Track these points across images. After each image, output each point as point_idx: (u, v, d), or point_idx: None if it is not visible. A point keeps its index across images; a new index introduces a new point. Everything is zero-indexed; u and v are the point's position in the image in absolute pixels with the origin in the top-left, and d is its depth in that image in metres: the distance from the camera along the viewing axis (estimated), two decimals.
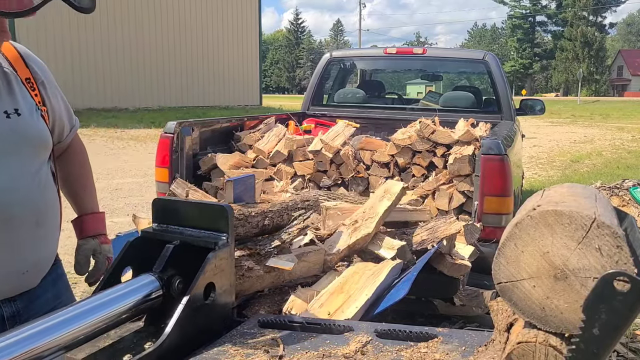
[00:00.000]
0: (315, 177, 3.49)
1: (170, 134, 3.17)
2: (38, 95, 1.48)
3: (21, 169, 1.36)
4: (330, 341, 1.09)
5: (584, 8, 59.55)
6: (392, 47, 5.07)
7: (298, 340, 1.11)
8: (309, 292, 1.81)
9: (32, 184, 1.38)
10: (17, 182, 1.34)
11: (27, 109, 1.41)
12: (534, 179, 8.92)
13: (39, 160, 1.43)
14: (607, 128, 19.22)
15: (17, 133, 1.36)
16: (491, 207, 2.73)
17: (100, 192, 1.77)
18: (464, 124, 3.60)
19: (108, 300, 1.04)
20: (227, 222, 1.16)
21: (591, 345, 0.69)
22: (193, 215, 1.20)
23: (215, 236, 1.16)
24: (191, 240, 1.16)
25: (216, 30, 22.90)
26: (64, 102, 1.62)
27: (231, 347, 1.07)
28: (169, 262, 1.13)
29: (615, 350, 3.09)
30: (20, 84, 1.43)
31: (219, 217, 1.17)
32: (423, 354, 1.02)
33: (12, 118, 1.36)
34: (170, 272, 1.12)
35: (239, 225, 1.65)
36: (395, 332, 1.11)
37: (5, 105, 1.36)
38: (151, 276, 1.11)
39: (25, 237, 1.35)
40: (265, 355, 1.03)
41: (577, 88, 49.48)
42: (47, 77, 1.54)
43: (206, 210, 1.20)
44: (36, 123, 1.42)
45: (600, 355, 0.70)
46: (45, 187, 1.44)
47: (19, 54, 1.49)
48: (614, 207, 0.92)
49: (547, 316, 0.78)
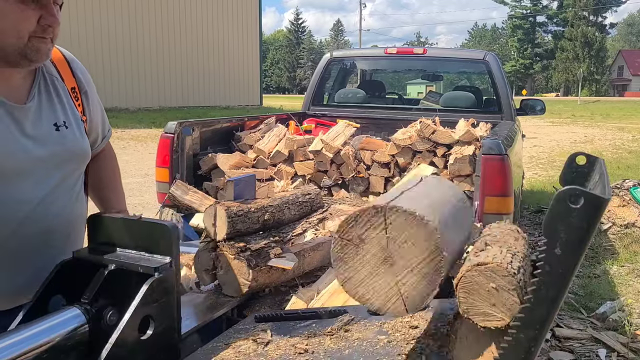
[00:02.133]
0: (316, 177, 3.49)
1: (171, 134, 3.16)
2: (80, 105, 1.46)
3: (62, 181, 1.36)
4: (318, 325, 1.10)
5: (585, 8, 59.52)
6: (393, 47, 5.07)
7: (287, 327, 1.11)
8: (310, 292, 1.81)
9: (69, 196, 1.39)
10: (56, 194, 1.34)
11: (74, 121, 1.40)
12: (534, 179, 8.91)
13: (77, 173, 1.43)
14: (608, 128, 19.22)
15: (63, 147, 1.35)
16: (492, 207, 2.72)
17: None
18: (464, 124, 3.59)
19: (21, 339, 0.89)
20: (170, 244, 1.02)
21: (556, 266, 0.69)
22: (133, 235, 1.06)
23: (156, 260, 1.02)
24: (128, 265, 1.01)
25: (217, 30, 22.89)
26: (101, 111, 1.60)
27: (224, 342, 1.08)
28: (101, 290, 0.98)
29: (615, 350, 3.08)
30: (68, 94, 1.42)
31: (161, 238, 1.03)
32: (405, 322, 1.03)
33: (61, 131, 1.35)
34: (102, 302, 0.98)
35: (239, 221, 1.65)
36: None
37: (56, 117, 1.35)
38: (76, 309, 0.97)
39: (58, 247, 1.34)
40: (253, 344, 1.04)
41: (578, 88, 49.47)
42: (89, 86, 1.52)
43: (147, 229, 1.06)
44: (80, 137, 1.41)
45: (567, 276, 0.69)
46: (78, 200, 1.44)
47: (66, 60, 1.46)
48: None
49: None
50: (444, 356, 0.93)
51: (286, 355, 0.97)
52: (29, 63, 1.25)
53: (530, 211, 6.55)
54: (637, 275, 4.43)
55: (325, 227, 2.29)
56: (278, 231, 1.85)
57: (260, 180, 3.31)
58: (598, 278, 4.37)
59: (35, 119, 1.31)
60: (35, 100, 1.32)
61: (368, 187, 3.44)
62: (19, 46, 1.21)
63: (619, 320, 3.41)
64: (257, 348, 1.03)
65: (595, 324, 3.45)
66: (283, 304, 1.78)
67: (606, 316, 3.49)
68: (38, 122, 1.31)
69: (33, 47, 1.22)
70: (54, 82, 1.39)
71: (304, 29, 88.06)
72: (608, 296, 3.93)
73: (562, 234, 0.66)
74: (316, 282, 1.92)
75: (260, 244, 1.69)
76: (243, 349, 1.03)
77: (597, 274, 4.47)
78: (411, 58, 5.39)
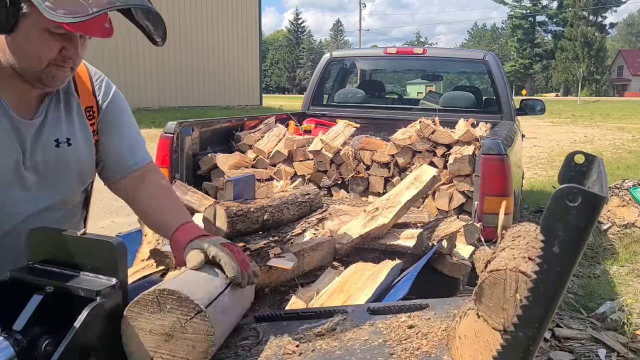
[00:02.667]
0: (315, 177, 3.49)
1: (170, 134, 3.17)
2: (95, 124, 1.44)
3: (58, 197, 1.36)
4: (309, 325, 1.09)
5: (584, 8, 59.53)
6: (392, 47, 5.07)
7: (278, 327, 1.11)
8: (309, 293, 1.81)
9: (65, 213, 1.39)
10: (50, 210, 1.35)
11: (82, 139, 1.39)
12: (534, 179, 8.91)
13: (76, 187, 1.43)
14: (607, 128, 19.22)
15: (59, 163, 1.35)
16: (491, 207, 2.72)
17: (100, 192, 1.75)
18: (464, 124, 3.60)
19: None
20: (115, 262, 0.91)
21: (554, 265, 0.69)
22: (77, 252, 0.94)
23: (99, 282, 0.91)
24: (68, 287, 0.90)
25: (216, 30, 22.89)
26: (132, 136, 1.52)
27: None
28: (36, 317, 0.86)
29: (615, 350, 3.08)
30: (81, 111, 1.41)
31: (105, 256, 0.92)
32: (402, 322, 1.03)
33: (61, 147, 1.35)
34: (37, 330, 0.86)
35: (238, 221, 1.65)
36: (388, 307, 1.11)
37: (59, 133, 1.35)
38: (4, 340, 0.84)
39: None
40: (244, 342, 1.04)
41: (577, 88, 49.47)
42: (116, 107, 1.48)
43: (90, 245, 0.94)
44: (86, 154, 1.40)
45: (565, 275, 0.69)
46: (73, 214, 1.45)
47: (90, 78, 1.45)
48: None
49: None
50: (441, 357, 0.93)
51: (275, 356, 0.97)
52: (43, 87, 1.27)
53: (530, 211, 6.55)
54: (637, 275, 4.43)
55: (324, 227, 2.30)
56: (277, 231, 1.85)
57: (259, 180, 3.31)
58: (598, 278, 4.37)
59: (36, 134, 1.31)
60: (42, 117, 1.32)
61: (368, 187, 3.44)
62: (36, 70, 1.22)
63: (618, 320, 3.41)
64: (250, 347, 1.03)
65: (595, 324, 3.45)
66: (283, 303, 1.78)
67: (606, 316, 3.49)
68: (38, 137, 1.32)
69: (50, 74, 1.23)
70: (68, 99, 1.38)
71: (304, 29, 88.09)
72: (608, 296, 3.93)
73: (560, 232, 0.66)
74: (315, 282, 1.92)
75: (259, 244, 1.69)
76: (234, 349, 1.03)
77: (597, 274, 4.47)
78: (411, 58, 5.39)
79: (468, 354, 0.86)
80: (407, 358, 0.93)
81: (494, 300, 0.81)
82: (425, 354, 0.94)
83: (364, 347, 0.97)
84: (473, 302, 0.88)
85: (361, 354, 0.95)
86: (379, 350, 0.96)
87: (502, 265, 0.80)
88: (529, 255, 0.83)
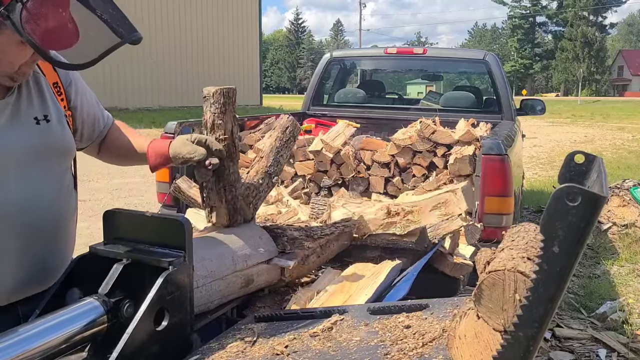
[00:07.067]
0: (316, 177, 3.49)
1: (171, 134, 3.17)
2: (64, 99, 1.48)
3: (46, 175, 1.36)
4: (304, 325, 1.09)
5: (585, 8, 59.51)
6: (393, 47, 5.07)
7: (275, 328, 1.11)
8: (309, 293, 1.81)
9: (56, 190, 1.39)
10: (42, 188, 1.34)
11: (55, 115, 1.41)
12: (534, 179, 8.91)
13: (63, 166, 1.43)
14: (608, 128, 19.22)
15: (44, 140, 1.36)
16: (492, 207, 2.72)
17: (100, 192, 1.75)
18: (464, 124, 3.59)
19: (41, 330, 0.91)
20: (183, 238, 1.03)
21: (554, 265, 0.69)
22: (147, 230, 1.08)
23: (170, 254, 1.04)
24: (142, 259, 1.03)
25: (216, 30, 22.89)
26: (96, 100, 1.63)
27: (217, 342, 1.08)
28: (117, 284, 1.01)
29: (615, 350, 3.08)
30: (50, 89, 1.43)
31: (175, 232, 1.04)
32: (399, 322, 1.03)
33: (42, 125, 1.36)
34: (118, 295, 1.00)
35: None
36: (387, 307, 1.11)
37: (36, 111, 1.36)
38: (95, 301, 0.99)
39: (47, 241, 1.35)
40: (239, 342, 1.05)
41: (578, 88, 49.47)
42: (74, 76, 1.53)
43: (160, 223, 1.08)
44: (62, 131, 1.42)
45: (565, 274, 0.69)
46: (67, 193, 1.44)
47: None
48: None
49: None
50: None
51: (268, 356, 0.97)
52: (12, 82, 1.31)
53: (530, 211, 6.55)
54: (637, 275, 4.43)
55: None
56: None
57: None
58: (598, 278, 4.37)
59: (13, 113, 1.32)
60: (14, 95, 1.34)
61: (368, 187, 3.44)
62: (9, 72, 1.28)
63: (619, 320, 3.41)
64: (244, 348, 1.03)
65: (595, 324, 3.45)
66: (283, 304, 1.79)
67: (606, 316, 3.49)
68: (16, 115, 1.32)
69: (20, 72, 1.29)
70: (37, 77, 1.41)
71: (304, 29, 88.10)
72: (608, 296, 3.93)
73: (560, 232, 0.66)
74: (316, 282, 1.92)
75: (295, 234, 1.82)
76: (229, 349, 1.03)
77: (597, 274, 4.47)
78: (411, 58, 5.39)
79: (468, 354, 0.86)
80: (400, 359, 0.92)
81: (493, 301, 0.81)
82: (419, 355, 0.93)
83: (359, 347, 0.97)
84: (473, 302, 0.88)
85: (356, 354, 0.94)
86: (374, 351, 0.95)
87: (500, 265, 0.80)
88: (528, 255, 0.83)
